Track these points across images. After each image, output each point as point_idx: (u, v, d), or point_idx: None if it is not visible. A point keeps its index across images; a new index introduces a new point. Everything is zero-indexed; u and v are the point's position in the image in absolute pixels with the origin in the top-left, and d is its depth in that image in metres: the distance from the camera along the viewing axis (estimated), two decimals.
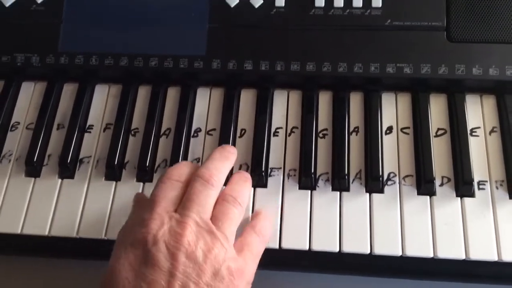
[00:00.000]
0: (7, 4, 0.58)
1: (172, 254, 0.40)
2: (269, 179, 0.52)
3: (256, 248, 0.45)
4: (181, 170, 0.46)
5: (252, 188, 0.51)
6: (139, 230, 0.41)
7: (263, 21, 0.56)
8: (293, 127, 0.54)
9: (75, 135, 0.55)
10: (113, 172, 0.53)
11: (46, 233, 0.51)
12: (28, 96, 0.58)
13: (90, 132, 0.56)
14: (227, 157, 0.49)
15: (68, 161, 0.53)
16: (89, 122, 0.56)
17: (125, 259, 0.40)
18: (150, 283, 0.39)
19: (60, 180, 0.53)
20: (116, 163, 0.53)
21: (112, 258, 0.42)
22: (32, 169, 0.53)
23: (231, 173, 0.51)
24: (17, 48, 0.57)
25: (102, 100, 0.58)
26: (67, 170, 0.53)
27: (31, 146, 0.54)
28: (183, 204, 0.43)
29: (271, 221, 0.49)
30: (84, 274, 0.52)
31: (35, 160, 0.53)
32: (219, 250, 0.41)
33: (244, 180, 0.49)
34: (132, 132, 0.56)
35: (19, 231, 0.51)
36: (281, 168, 0.52)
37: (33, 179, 0.53)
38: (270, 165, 0.52)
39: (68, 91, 0.58)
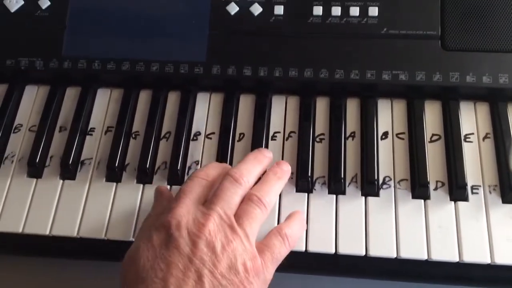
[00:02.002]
0: (13, 10, 0.60)
1: (192, 241, 0.41)
2: None
3: (278, 251, 0.45)
4: (209, 170, 0.48)
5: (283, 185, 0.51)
6: (165, 216, 0.43)
7: (262, 29, 0.57)
8: (291, 132, 0.55)
9: (77, 137, 0.56)
10: (113, 174, 0.54)
11: (47, 232, 0.51)
12: (31, 99, 0.59)
13: (91, 134, 0.57)
14: (260, 161, 0.49)
15: (70, 162, 0.54)
16: (90, 125, 0.57)
17: (148, 240, 0.42)
18: (168, 264, 0.40)
19: (61, 181, 0.54)
20: (117, 165, 0.54)
21: (136, 239, 0.44)
22: (34, 170, 0.54)
23: None
24: (21, 52, 0.58)
25: (104, 104, 0.59)
26: (68, 171, 0.54)
27: (34, 147, 0.55)
28: (210, 199, 0.45)
29: (303, 226, 0.49)
30: (83, 274, 0.53)
31: (37, 161, 0.54)
32: (237, 244, 0.42)
33: (277, 178, 0.49)
34: (133, 135, 0.57)
35: (20, 230, 0.51)
36: None
37: (35, 179, 0.54)
38: (268, 167, 0.53)
39: (71, 95, 0.59)
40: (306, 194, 0.52)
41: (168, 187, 0.53)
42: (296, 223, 0.48)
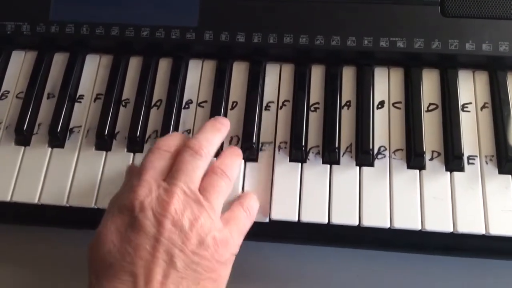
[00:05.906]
0: None
1: (158, 221, 0.40)
2: (260, 152, 0.52)
3: (242, 223, 0.45)
4: (171, 141, 0.46)
5: (243, 161, 0.51)
6: (127, 196, 0.42)
7: None
8: (285, 100, 0.54)
9: (65, 104, 0.54)
10: (103, 142, 0.53)
11: (36, 201, 0.50)
12: (18, 65, 0.58)
13: (80, 102, 0.55)
14: (219, 129, 0.48)
15: (58, 130, 0.53)
16: (79, 92, 0.56)
17: (112, 223, 0.41)
18: (135, 247, 0.39)
19: (50, 149, 0.53)
20: (106, 133, 0.52)
21: (100, 223, 0.42)
22: (22, 137, 0.53)
23: (221, 148, 0.51)
24: (7, 16, 0.56)
25: (93, 70, 0.57)
26: (57, 139, 0.53)
27: (21, 114, 0.54)
28: (171, 173, 0.43)
29: (258, 203, 0.49)
30: (72, 242, 0.52)
31: (25, 128, 0.53)
32: (205, 219, 0.42)
33: (236, 155, 0.49)
34: (123, 103, 0.55)
35: (8, 199, 0.51)
36: (272, 141, 0.52)
37: (23, 147, 0.53)
38: (261, 138, 0.52)
39: (59, 61, 0.58)
40: (300, 164, 0.51)
41: None
42: (255, 198, 0.48)
